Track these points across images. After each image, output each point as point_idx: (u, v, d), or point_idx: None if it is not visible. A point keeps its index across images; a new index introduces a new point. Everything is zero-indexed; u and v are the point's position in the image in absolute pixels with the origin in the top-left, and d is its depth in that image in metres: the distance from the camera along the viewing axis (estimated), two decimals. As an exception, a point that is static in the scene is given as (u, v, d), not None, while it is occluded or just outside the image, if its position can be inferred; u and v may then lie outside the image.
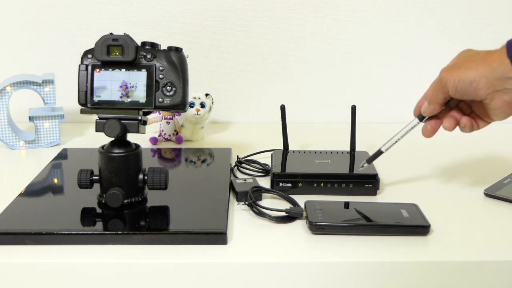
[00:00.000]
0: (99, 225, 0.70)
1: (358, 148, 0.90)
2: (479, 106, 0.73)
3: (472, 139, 1.09)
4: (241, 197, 0.77)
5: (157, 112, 1.05)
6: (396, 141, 0.79)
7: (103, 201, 0.72)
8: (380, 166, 0.87)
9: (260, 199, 0.78)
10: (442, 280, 0.63)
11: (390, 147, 0.79)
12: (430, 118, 0.75)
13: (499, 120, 0.73)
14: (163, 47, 0.74)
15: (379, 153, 0.80)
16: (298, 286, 0.64)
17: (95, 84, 0.72)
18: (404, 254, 0.65)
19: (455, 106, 0.76)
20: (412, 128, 0.78)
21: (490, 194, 0.80)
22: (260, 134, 1.12)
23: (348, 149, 0.90)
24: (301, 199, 0.76)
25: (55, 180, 0.86)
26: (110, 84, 0.72)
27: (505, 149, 1.02)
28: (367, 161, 0.81)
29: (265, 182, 0.83)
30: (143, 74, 0.72)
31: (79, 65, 0.72)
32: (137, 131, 0.72)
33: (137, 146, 0.74)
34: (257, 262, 0.63)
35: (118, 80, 0.72)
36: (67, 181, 0.85)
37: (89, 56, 0.72)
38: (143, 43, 0.73)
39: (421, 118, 0.76)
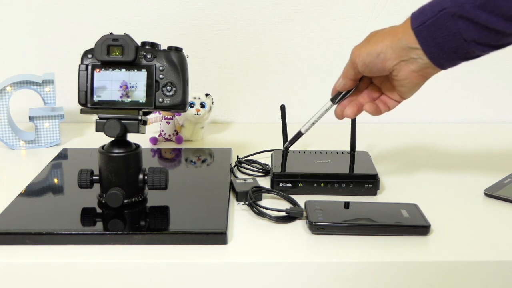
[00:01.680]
0: (99, 225, 0.70)
1: (358, 148, 0.90)
2: (387, 85, 0.76)
3: (472, 139, 1.09)
4: (241, 197, 0.77)
5: (157, 112, 1.05)
6: (314, 123, 0.83)
7: (103, 201, 0.72)
8: (380, 166, 0.88)
9: (260, 199, 0.78)
10: (442, 280, 0.63)
11: (309, 128, 0.84)
12: (342, 100, 0.79)
13: (408, 95, 0.75)
14: (163, 47, 0.74)
15: (299, 134, 0.85)
16: (298, 286, 0.64)
17: (95, 84, 0.72)
18: (404, 254, 0.65)
19: (365, 88, 0.79)
20: (327, 110, 0.82)
21: (490, 194, 0.80)
22: (260, 134, 1.12)
23: (348, 149, 0.90)
24: (301, 199, 0.76)
25: (55, 180, 0.86)
26: (110, 84, 0.72)
27: (505, 149, 1.02)
28: (289, 142, 0.86)
29: (265, 182, 0.83)
30: (143, 74, 0.72)
31: (79, 65, 0.72)
32: (137, 131, 0.72)
33: (137, 146, 0.74)
34: (257, 262, 0.63)
35: (118, 80, 0.72)
36: (67, 181, 0.85)
37: (89, 56, 0.72)
38: (143, 43, 0.73)
39: (333, 100, 0.80)
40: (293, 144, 0.85)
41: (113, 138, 0.72)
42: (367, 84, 0.78)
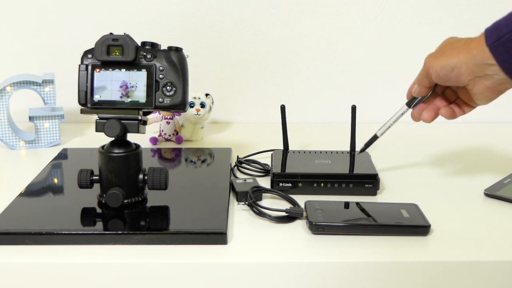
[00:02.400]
0: (99, 225, 0.70)
1: (358, 148, 0.90)
2: (464, 92, 0.76)
3: (472, 139, 1.09)
4: (241, 197, 0.77)
5: (157, 112, 1.05)
6: (389, 126, 0.83)
7: (103, 201, 0.72)
8: (380, 166, 0.88)
9: (260, 199, 0.78)
10: (442, 280, 0.63)
11: (384, 131, 0.84)
12: (418, 103, 0.80)
13: (483, 104, 0.75)
14: (163, 47, 0.74)
15: (375, 138, 0.85)
16: (298, 286, 0.63)
17: (95, 84, 0.72)
18: (404, 254, 0.65)
19: (441, 92, 0.79)
20: (403, 113, 0.82)
21: (490, 194, 0.80)
22: (260, 134, 1.12)
23: (348, 149, 0.90)
24: (301, 199, 0.76)
25: (55, 180, 0.86)
26: (110, 84, 0.72)
27: (505, 149, 1.02)
28: (365, 145, 0.85)
29: (265, 182, 0.83)
30: (143, 74, 0.72)
31: (79, 65, 0.72)
32: (137, 131, 0.72)
33: (137, 146, 0.74)
34: (257, 262, 0.63)
35: (118, 80, 0.72)
36: (67, 181, 0.85)
37: (89, 56, 0.72)
38: (143, 43, 0.73)
39: (409, 104, 0.81)
40: (368, 148, 0.85)
41: (113, 138, 0.72)
42: (444, 88, 0.78)
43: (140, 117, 0.72)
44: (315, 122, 1.23)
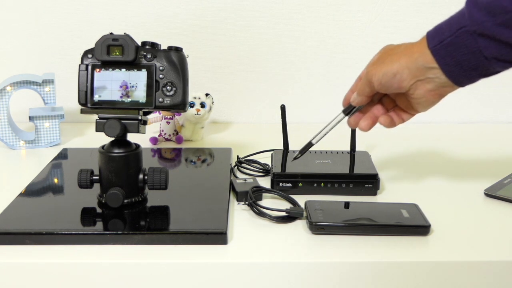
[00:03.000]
0: (99, 225, 0.70)
1: (358, 148, 0.90)
2: (402, 99, 0.75)
3: (472, 139, 1.09)
4: (241, 197, 0.77)
5: (157, 112, 1.05)
6: (325, 134, 0.81)
7: (103, 201, 0.72)
8: (380, 166, 0.88)
9: (260, 199, 0.78)
10: (442, 280, 0.63)
11: (320, 139, 0.81)
12: (355, 112, 0.78)
13: (423, 110, 0.74)
14: (163, 47, 0.74)
15: (310, 145, 0.82)
16: (298, 286, 0.63)
17: (95, 84, 0.72)
18: (404, 254, 0.65)
19: (378, 100, 0.78)
20: (339, 122, 0.80)
21: (490, 194, 0.80)
22: (260, 134, 1.12)
23: (348, 149, 0.90)
24: (301, 199, 0.76)
25: (55, 180, 0.86)
26: (110, 84, 0.72)
27: (505, 149, 1.02)
28: (300, 152, 0.82)
29: (265, 182, 0.83)
30: (143, 74, 0.72)
31: (79, 65, 0.72)
32: (137, 131, 0.72)
33: (137, 146, 0.74)
34: (257, 262, 0.63)
35: (118, 80, 0.72)
36: (67, 181, 0.85)
37: (89, 56, 0.72)
38: (143, 43, 0.73)
39: (346, 112, 0.79)
40: (303, 155, 0.83)
41: (113, 138, 0.72)
42: (381, 96, 0.78)
43: (140, 117, 0.72)
44: (315, 122, 1.23)
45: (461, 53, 0.65)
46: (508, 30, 0.62)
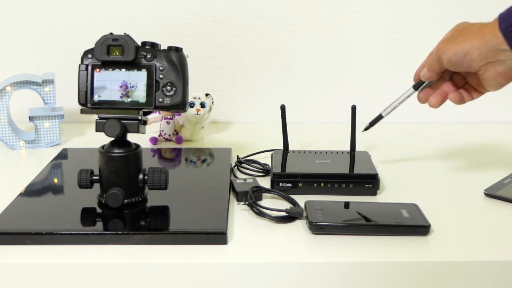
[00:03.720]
0: (99, 225, 0.70)
1: (358, 148, 0.90)
2: (473, 77, 0.75)
3: (472, 139, 1.09)
4: (241, 197, 0.77)
5: (157, 112, 1.05)
6: (395, 107, 0.84)
7: (103, 201, 0.72)
8: (380, 166, 0.88)
9: (260, 199, 0.78)
10: (442, 280, 0.63)
11: (389, 112, 0.84)
12: (425, 87, 0.80)
13: (493, 90, 0.74)
14: (163, 47, 0.74)
15: (380, 117, 0.85)
16: (298, 286, 0.63)
17: (95, 84, 0.72)
18: (404, 254, 0.65)
19: (449, 77, 0.78)
20: (409, 96, 0.82)
21: (490, 194, 0.80)
22: (260, 134, 1.12)
23: (348, 149, 0.90)
24: (301, 199, 0.76)
25: (55, 180, 0.86)
26: (110, 84, 0.72)
27: (505, 149, 1.02)
28: (370, 124, 0.86)
29: (265, 182, 0.83)
30: (143, 74, 0.72)
31: (79, 65, 0.72)
32: (137, 131, 0.72)
33: (137, 146, 0.74)
34: (257, 262, 0.63)
35: (118, 80, 0.72)
36: (67, 181, 0.85)
37: (89, 56, 0.72)
38: (143, 43, 0.73)
39: (416, 87, 0.80)
40: (372, 126, 0.86)
41: (113, 138, 0.72)
42: (452, 73, 0.78)
43: (140, 117, 0.72)
44: (315, 122, 1.23)
45: None
46: None
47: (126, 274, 0.63)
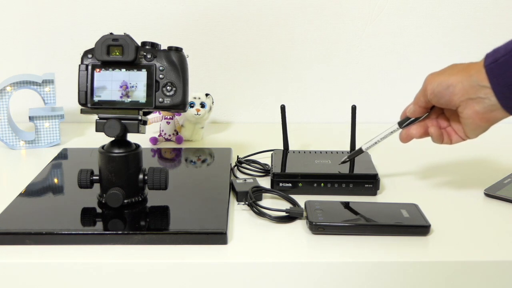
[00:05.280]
0: (99, 225, 0.70)
1: (358, 148, 0.90)
2: (456, 119, 0.75)
3: (472, 139, 1.09)
4: (241, 197, 0.77)
5: (157, 112, 1.05)
6: (376, 142, 0.82)
7: (103, 201, 0.72)
8: (380, 166, 0.87)
9: (260, 199, 0.78)
10: (442, 280, 0.63)
11: (370, 146, 0.82)
12: (409, 124, 0.78)
13: (472, 135, 0.74)
14: (163, 47, 0.74)
15: (359, 151, 0.83)
16: (298, 286, 0.64)
17: (95, 84, 0.72)
18: (404, 254, 0.65)
19: (434, 117, 0.77)
20: (392, 132, 0.81)
21: (490, 194, 0.80)
22: (260, 134, 1.12)
23: (348, 149, 0.90)
24: (301, 199, 0.76)
25: (55, 180, 0.86)
26: (110, 84, 0.72)
27: (505, 149, 1.02)
28: (348, 157, 0.83)
29: (265, 182, 0.83)
30: (143, 74, 0.72)
31: (79, 65, 0.72)
32: (137, 131, 0.72)
33: (137, 146, 0.74)
34: (257, 262, 0.63)
35: (118, 80, 0.72)
36: (67, 181, 0.85)
37: (89, 56, 0.72)
38: (143, 43, 0.73)
39: (400, 124, 0.79)
40: (351, 159, 0.84)
41: (113, 138, 0.72)
42: (438, 114, 0.77)
43: (140, 117, 0.72)
44: (315, 122, 1.23)
45: None
46: None
47: (126, 274, 0.63)
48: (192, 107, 1.02)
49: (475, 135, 0.73)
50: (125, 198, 0.71)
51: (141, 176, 0.73)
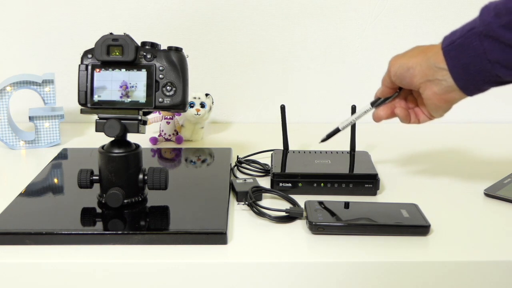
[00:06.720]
0: (99, 225, 0.70)
1: (358, 148, 0.90)
2: (421, 99, 0.75)
3: (473, 139, 1.09)
4: (241, 197, 0.77)
5: (157, 112, 1.05)
6: (351, 122, 0.84)
7: (103, 201, 0.72)
8: (380, 166, 0.88)
9: (260, 199, 0.78)
10: (442, 280, 0.63)
11: (346, 126, 0.84)
12: (380, 104, 0.80)
13: (436, 115, 0.75)
14: (163, 47, 0.74)
15: (337, 130, 0.84)
16: (298, 286, 0.63)
17: (95, 84, 0.72)
18: (404, 254, 0.65)
19: (403, 97, 0.79)
20: (365, 112, 0.82)
21: (490, 194, 0.80)
22: (260, 134, 1.12)
23: (348, 149, 0.90)
24: (301, 199, 0.76)
25: (55, 180, 0.86)
26: (110, 84, 0.72)
27: (505, 149, 1.02)
28: (327, 136, 0.85)
29: (265, 182, 0.83)
30: (143, 74, 0.72)
31: (79, 65, 0.72)
32: (137, 131, 0.72)
33: (137, 146, 0.74)
34: (257, 262, 0.63)
35: (118, 80, 0.72)
36: (67, 181, 0.85)
37: (89, 56, 0.72)
38: (143, 43, 0.73)
39: (372, 103, 0.81)
40: (329, 138, 0.85)
41: (113, 138, 0.72)
42: (407, 94, 0.79)
43: (140, 117, 0.72)
44: (315, 122, 1.23)
45: (468, 55, 0.65)
46: (510, 32, 0.61)
47: (126, 274, 0.63)
48: (192, 107, 1.02)
49: (438, 115, 0.74)
50: (125, 198, 0.71)
51: (141, 176, 0.73)
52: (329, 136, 0.85)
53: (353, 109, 0.88)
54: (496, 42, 0.63)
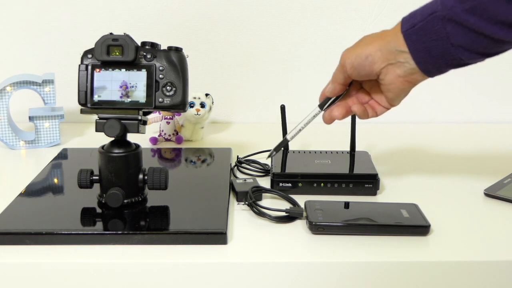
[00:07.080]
0: (99, 225, 0.70)
1: (358, 148, 0.90)
2: (377, 90, 0.75)
3: (473, 139, 1.09)
4: (241, 197, 0.77)
5: (157, 112, 1.05)
6: (300, 129, 0.81)
7: (103, 201, 0.72)
8: (380, 166, 0.88)
9: (260, 199, 0.78)
10: (442, 280, 0.63)
11: (295, 135, 0.81)
12: (330, 105, 0.78)
13: (395, 102, 0.74)
14: (163, 47, 0.74)
15: (285, 141, 0.82)
16: (298, 286, 0.64)
17: (95, 84, 0.72)
18: (404, 254, 0.65)
19: (354, 94, 0.78)
20: (314, 116, 0.80)
21: (490, 194, 0.80)
22: (260, 134, 1.12)
23: (348, 149, 0.90)
24: (301, 199, 0.76)
25: (55, 180, 0.86)
26: (110, 84, 0.72)
27: (505, 149, 1.02)
28: (275, 149, 0.82)
29: (265, 182, 0.83)
30: (143, 74, 0.72)
31: (79, 65, 0.72)
32: (137, 131, 0.72)
33: (137, 146, 0.74)
34: (257, 262, 0.63)
35: (118, 80, 0.72)
36: (67, 181, 0.85)
37: (89, 56, 0.72)
38: (143, 43, 0.73)
39: (321, 106, 0.79)
40: (278, 152, 0.83)
41: (113, 138, 0.72)
42: (357, 90, 0.78)
43: (140, 117, 0.72)
44: (315, 122, 1.22)
45: (430, 38, 0.65)
46: (475, 17, 0.62)
47: (126, 274, 0.63)
48: (192, 107, 1.02)
49: (399, 101, 0.74)
50: (125, 198, 0.71)
51: (141, 176, 0.73)
52: (277, 149, 0.82)
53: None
54: (459, 26, 0.63)
